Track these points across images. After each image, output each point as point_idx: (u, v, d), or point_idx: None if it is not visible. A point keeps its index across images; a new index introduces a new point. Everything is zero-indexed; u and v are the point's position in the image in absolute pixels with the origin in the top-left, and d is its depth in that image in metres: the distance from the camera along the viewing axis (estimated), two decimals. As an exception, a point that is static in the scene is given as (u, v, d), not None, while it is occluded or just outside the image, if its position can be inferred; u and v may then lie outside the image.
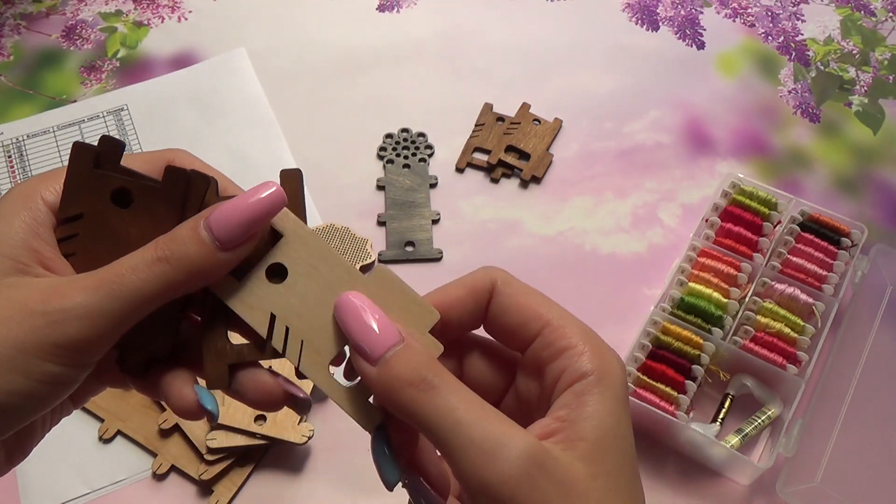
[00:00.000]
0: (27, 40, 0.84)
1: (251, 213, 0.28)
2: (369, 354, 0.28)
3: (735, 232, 0.63)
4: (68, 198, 0.30)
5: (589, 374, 0.28)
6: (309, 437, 0.56)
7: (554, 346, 0.29)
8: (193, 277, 0.27)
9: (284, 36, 0.84)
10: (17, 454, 0.30)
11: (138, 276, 0.27)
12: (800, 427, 0.56)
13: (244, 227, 0.28)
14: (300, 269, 0.30)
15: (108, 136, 0.30)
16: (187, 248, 0.27)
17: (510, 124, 0.76)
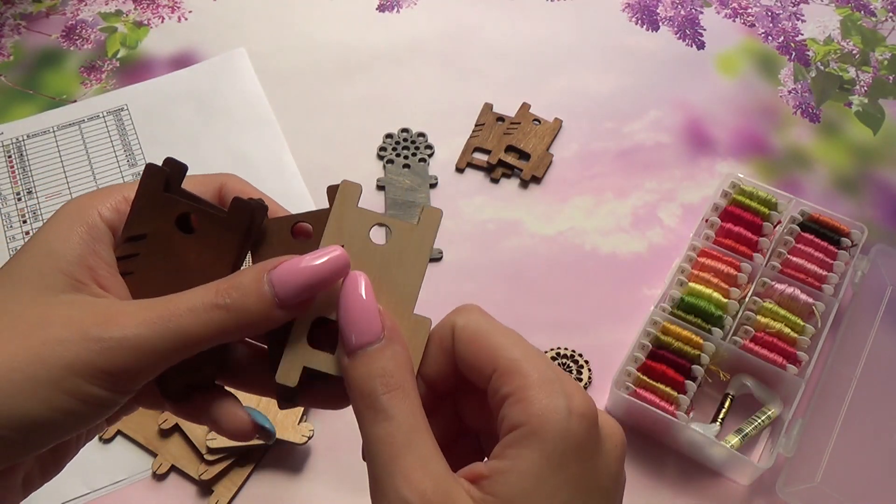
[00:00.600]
0: (27, 40, 0.84)
1: (315, 278, 0.28)
2: (346, 345, 0.28)
3: (735, 232, 0.63)
4: (136, 217, 0.30)
5: (518, 426, 0.26)
6: (309, 437, 0.56)
7: (499, 393, 0.27)
8: (246, 328, 0.28)
9: (284, 36, 0.84)
10: (51, 469, 0.31)
11: (195, 319, 0.27)
12: (800, 427, 0.56)
13: (306, 289, 0.28)
14: None
15: (172, 158, 0.31)
16: (248, 300, 0.28)
17: (510, 124, 0.76)
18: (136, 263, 0.30)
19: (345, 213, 0.31)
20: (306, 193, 0.71)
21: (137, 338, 0.27)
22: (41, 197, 0.71)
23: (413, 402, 0.27)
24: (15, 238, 0.69)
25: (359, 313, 0.28)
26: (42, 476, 0.30)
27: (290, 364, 0.29)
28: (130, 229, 0.30)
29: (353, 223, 0.31)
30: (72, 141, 0.75)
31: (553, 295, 0.66)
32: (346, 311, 0.28)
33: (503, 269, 0.67)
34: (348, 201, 0.31)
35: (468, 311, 0.30)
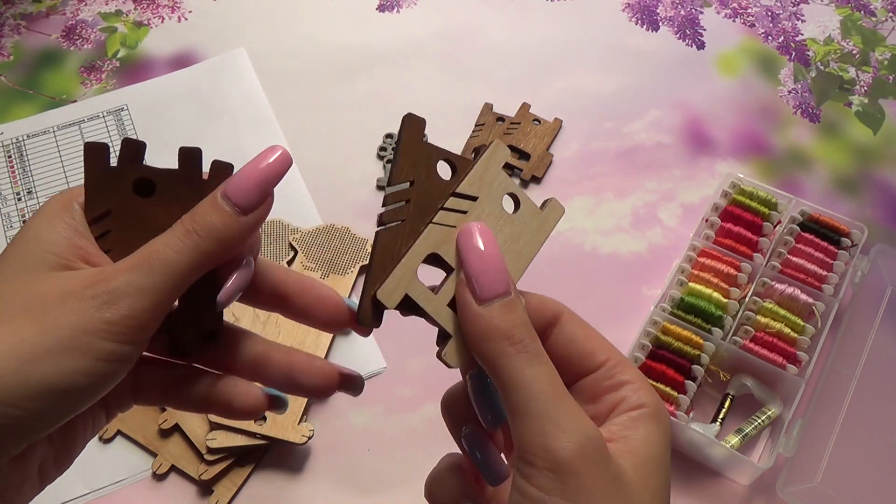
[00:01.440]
0: (27, 40, 0.84)
1: (263, 177, 0.30)
2: (478, 292, 0.29)
3: (735, 232, 0.63)
4: (92, 197, 0.31)
5: (646, 407, 0.30)
6: (309, 437, 0.56)
7: (615, 379, 0.31)
8: (223, 244, 0.29)
9: (284, 36, 0.84)
10: (64, 458, 0.31)
11: (173, 249, 0.28)
12: (800, 427, 0.56)
13: (258, 189, 0.30)
14: None
15: (128, 138, 0.32)
16: (211, 218, 0.29)
17: (510, 124, 0.76)
18: (112, 240, 0.31)
19: (489, 168, 0.33)
20: (306, 193, 0.71)
21: (128, 283, 0.28)
22: (41, 197, 0.71)
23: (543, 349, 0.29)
24: (15, 238, 0.69)
25: (492, 265, 0.30)
26: (56, 466, 0.31)
27: (395, 285, 0.30)
28: (92, 210, 0.31)
29: (493, 180, 0.33)
30: (72, 141, 0.75)
31: (553, 295, 0.65)
32: (483, 260, 0.30)
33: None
34: (495, 159, 0.33)
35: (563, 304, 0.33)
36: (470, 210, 0.32)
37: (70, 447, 0.31)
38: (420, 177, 0.32)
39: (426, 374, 0.62)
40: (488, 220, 0.32)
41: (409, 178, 0.32)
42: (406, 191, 0.31)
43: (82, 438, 0.32)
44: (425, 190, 0.32)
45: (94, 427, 0.33)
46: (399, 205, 0.31)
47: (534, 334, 0.29)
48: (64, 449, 0.31)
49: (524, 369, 0.28)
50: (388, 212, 0.31)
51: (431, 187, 0.32)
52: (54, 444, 0.30)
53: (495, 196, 0.32)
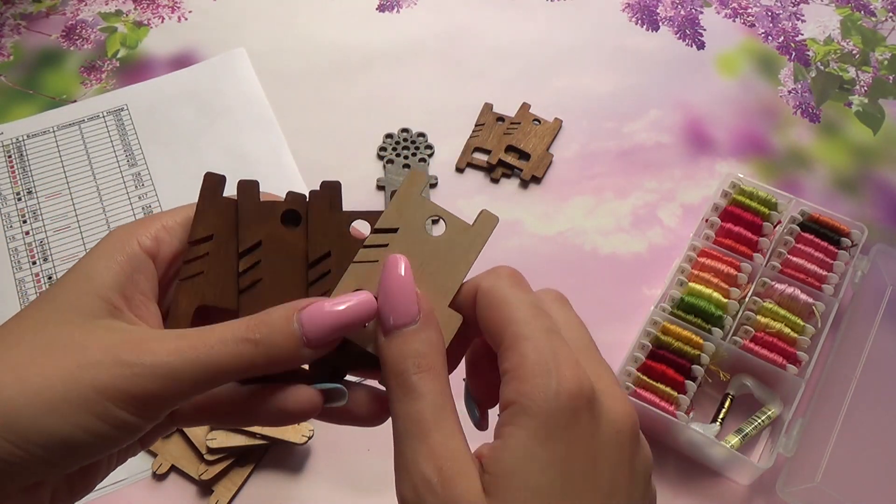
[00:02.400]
0: (27, 40, 0.84)
1: (344, 321, 0.29)
2: (383, 324, 0.29)
3: (735, 232, 0.63)
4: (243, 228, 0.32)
5: (510, 405, 0.27)
6: (309, 437, 0.56)
7: (501, 367, 0.28)
8: (273, 363, 0.29)
9: (284, 36, 0.84)
10: (79, 489, 0.31)
11: (224, 350, 0.28)
12: (800, 427, 0.56)
13: (334, 331, 0.29)
14: None
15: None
16: (276, 337, 0.28)
17: (510, 124, 0.76)
18: (263, 269, 0.32)
19: (408, 198, 0.33)
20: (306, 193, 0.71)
21: (167, 366, 0.27)
22: (41, 197, 0.71)
23: (443, 382, 0.29)
24: (15, 238, 0.69)
25: (398, 295, 0.29)
26: (70, 494, 0.30)
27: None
28: (245, 242, 0.32)
29: (413, 209, 0.33)
30: (72, 141, 0.75)
31: (553, 295, 0.65)
32: (386, 291, 0.30)
33: (510, 267, 0.67)
34: (413, 188, 0.33)
35: (497, 275, 0.31)
36: (391, 242, 0.32)
37: (88, 478, 0.31)
38: (334, 246, 0.33)
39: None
40: (410, 248, 0.32)
41: (324, 250, 0.33)
42: (325, 263, 0.32)
43: (105, 470, 0.32)
44: (342, 258, 0.32)
45: (121, 459, 0.32)
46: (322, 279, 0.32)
47: (425, 362, 0.28)
48: (81, 480, 0.31)
49: (397, 407, 0.28)
50: (312, 288, 0.32)
51: (349, 253, 0.32)
52: (70, 475, 0.30)
53: (416, 223, 0.32)
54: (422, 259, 0.32)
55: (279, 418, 0.31)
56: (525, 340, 0.27)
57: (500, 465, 0.26)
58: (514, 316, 0.29)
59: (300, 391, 0.30)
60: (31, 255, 0.68)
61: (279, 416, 0.30)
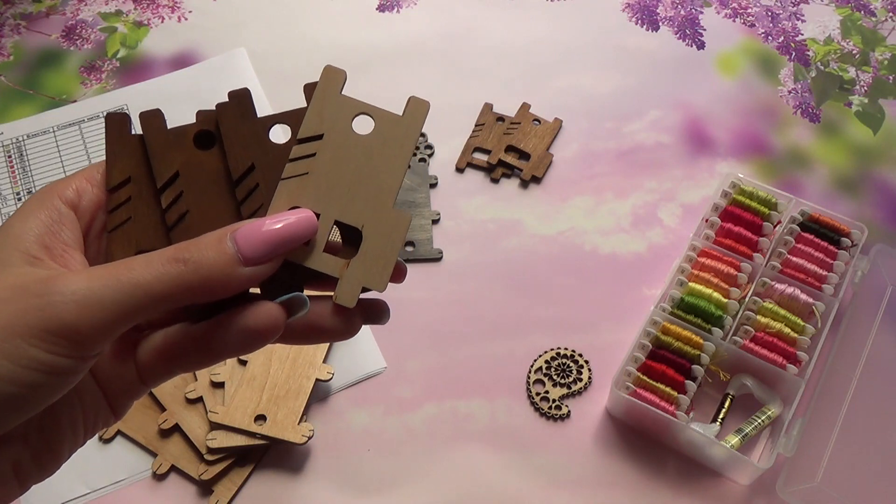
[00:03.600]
0: (27, 40, 0.84)
1: (281, 238, 0.28)
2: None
3: (735, 232, 0.63)
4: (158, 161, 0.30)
5: None
6: (309, 437, 0.56)
7: None
8: (208, 284, 0.27)
9: (284, 36, 0.84)
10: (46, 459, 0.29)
11: (150, 270, 0.26)
12: (800, 427, 0.56)
13: (271, 249, 0.28)
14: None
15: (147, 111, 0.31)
16: (208, 255, 0.27)
17: (510, 124, 0.76)
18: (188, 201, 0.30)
19: (327, 99, 0.30)
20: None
21: (83, 291, 0.25)
22: (41, 197, 0.71)
23: None
24: (15, 238, 0.69)
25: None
26: (38, 467, 0.29)
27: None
28: (162, 176, 0.30)
29: (336, 110, 0.30)
30: (72, 141, 0.75)
31: (553, 295, 0.66)
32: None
33: (503, 268, 0.67)
34: (331, 87, 0.30)
35: None
36: (318, 150, 0.30)
37: (53, 447, 0.29)
38: (257, 157, 0.30)
39: (426, 375, 0.62)
40: (340, 152, 0.30)
41: (246, 164, 0.30)
42: (250, 178, 0.30)
43: (70, 439, 0.29)
44: (268, 167, 0.30)
45: (88, 428, 0.30)
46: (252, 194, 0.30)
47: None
48: (45, 448, 0.29)
49: None
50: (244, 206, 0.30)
51: (274, 160, 0.30)
52: (30, 443, 0.28)
53: (342, 124, 0.30)
54: (356, 162, 0.30)
55: (244, 342, 0.28)
56: None
57: None
58: None
59: (259, 307, 0.28)
60: (31, 255, 0.68)
61: (243, 339, 0.28)
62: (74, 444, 0.30)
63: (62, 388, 0.26)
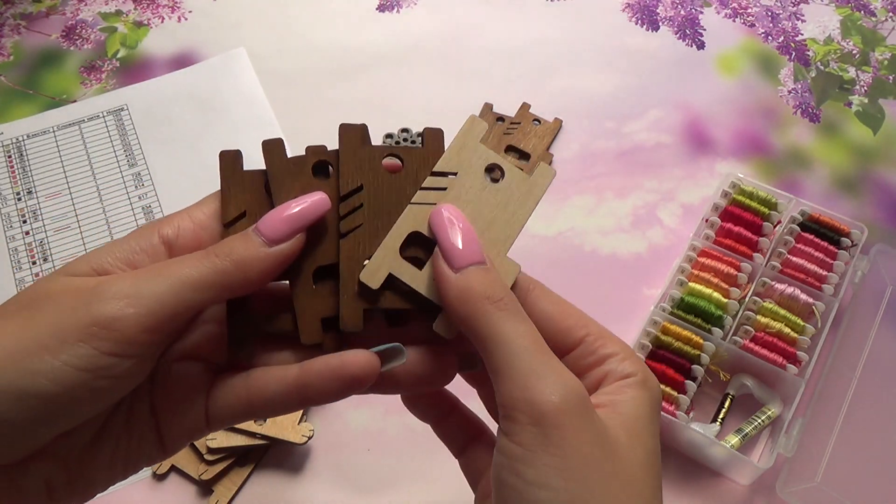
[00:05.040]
0: (27, 40, 0.84)
1: (296, 214, 0.29)
2: (454, 261, 0.29)
3: (735, 232, 0.63)
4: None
5: (632, 375, 0.30)
6: (309, 437, 0.56)
7: (598, 354, 0.30)
8: (241, 267, 0.28)
9: (284, 36, 0.84)
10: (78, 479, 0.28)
11: (187, 264, 0.27)
12: (800, 427, 0.56)
13: (287, 224, 0.29)
14: None
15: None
16: (236, 244, 0.29)
17: (510, 124, 0.76)
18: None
19: (466, 143, 0.33)
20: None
21: (130, 287, 0.26)
22: (41, 197, 0.71)
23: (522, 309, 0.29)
24: (15, 238, 0.69)
25: (464, 236, 0.30)
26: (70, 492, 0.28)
27: (377, 265, 0.30)
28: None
29: (471, 154, 0.32)
30: (72, 141, 0.75)
31: (553, 295, 0.66)
32: (451, 232, 0.30)
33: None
34: (472, 134, 0.33)
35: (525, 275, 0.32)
36: (450, 186, 0.32)
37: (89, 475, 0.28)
38: (367, 179, 0.32)
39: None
40: (469, 193, 0.32)
41: (355, 184, 0.32)
42: (358, 196, 0.32)
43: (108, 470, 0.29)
44: (376, 190, 0.32)
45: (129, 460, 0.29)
46: (354, 212, 0.31)
47: (513, 295, 0.29)
48: (81, 474, 0.28)
49: (505, 325, 0.28)
50: (345, 221, 0.31)
51: (382, 186, 0.32)
52: (68, 466, 0.28)
53: (475, 169, 0.32)
54: (479, 206, 0.32)
55: (337, 389, 0.29)
56: (608, 331, 0.31)
57: (638, 410, 0.29)
58: (580, 311, 0.32)
59: (356, 354, 0.29)
60: (31, 255, 0.68)
61: (336, 386, 0.29)
62: (112, 478, 0.29)
63: (105, 395, 0.26)
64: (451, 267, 0.29)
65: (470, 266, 0.29)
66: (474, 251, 0.29)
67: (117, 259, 0.29)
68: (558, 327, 0.31)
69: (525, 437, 0.26)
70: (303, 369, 0.29)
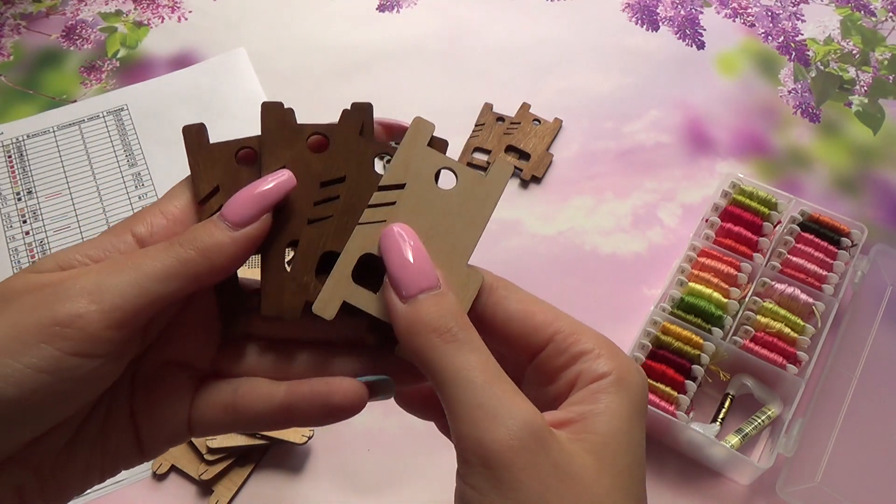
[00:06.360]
0: (27, 40, 0.84)
1: (259, 195, 0.28)
2: (402, 290, 0.27)
3: (735, 232, 0.63)
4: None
5: (607, 375, 0.27)
6: (309, 437, 0.56)
7: (569, 352, 0.28)
8: (207, 255, 0.27)
9: (284, 36, 0.84)
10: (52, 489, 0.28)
11: (151, 256, 0.27)
12: (800, 427, 0.56)
13: (251, 205, 0.28)
14: None
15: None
16: (198, 231, 0.28)
17: (510, 124, 0.76)
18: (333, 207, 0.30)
19: (414, 150, 0.30)
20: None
21: (94, 283, 0.25)
22: (41, 197, 0.71)
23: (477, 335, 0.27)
24: (15, 238, 0.69)
25: (413, 262, 0.28)
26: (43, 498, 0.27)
27: (329, 295, 0.29)
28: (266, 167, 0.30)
29: (420, 162, 0.30)
30: (72, 141, 0.75)
31: (553, 295, 0.65)
32: (399, 259, 0.28)
33: (503, 269, 0.66)
34: (419, 139, 0.31)
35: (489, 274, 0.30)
36: (398, 199, 0.30)
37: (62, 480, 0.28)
38: (352, 172, 0.30)
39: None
40: (421, 203, 0.30)
41: (340, 173, 0.30)
42: (336, 187, 0.30)
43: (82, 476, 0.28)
44: (356, 186, 0.30)
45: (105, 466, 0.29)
46: (328, 202, 0.30)
47: (465, 322, 0.27)
48: (53, 480, 0.27)
49: (453, 359, 0.26)
50: (317, 208, 0.30)
51: (364, 183, 0.30)
52: (40, 473, 0.27)
53: (425, 177, 0.30)
54: (434, 216, 0.30)
55: (322, 415, 0.29)
56: (583, 327, 0.29)
57: (606, 427, 0.26)
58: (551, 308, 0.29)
59: (343, 382, 0.29)
60: (31, 254, 0.68)
61: (322, 412, 0.29)
62: (88, 482, 0.29)
63: (73, 398, 0.25)
64: (400, 297, 0.27)
65: (420, 294, 0.27)
66: (424, 276, 0.27)
67: (86, 256, 0.28)
68: (525, 327, 0.29)
69: (476, 479, 0.25)
70: (290, 390, 0.29)
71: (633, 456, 0.26)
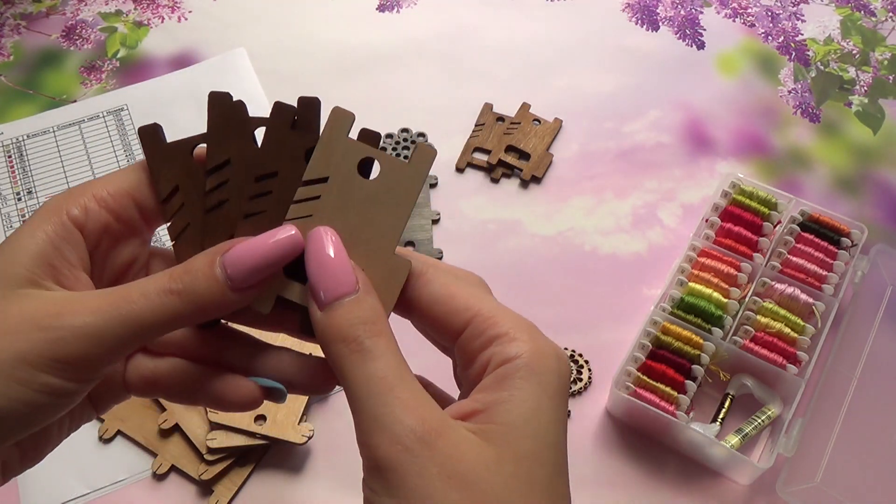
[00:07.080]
0: (27, 40, 0.84)
1: (267, 258, 0.28)
2: (319, 299, 0.28)
3: (735, 232, 0.63)
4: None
5: (515, 359, 0.27)
6: (309, 437, 0.56)
7: (484, 336, 0.28)
8: (201, 312, 0.28)
9: (284, 36, 0.84)
10: (31, 455, 0.31)
11: (147, 304, 0.27)
12: (800, 427, 0.56)
13: (258, 270, 0.28)
14: None
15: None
16: (199, 283, 0.28)
17: (510, 124, 0.76)
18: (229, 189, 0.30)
19: (334, 142, 0.30)
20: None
21: (88, 326, 0.27)
22: (41, 197, 0.71)
23: (395, 343, 0.28)
24: (15, 238, 0.69)
25: (330, 270, 0.28)
26: (21, 463, 0.30)
27: (265, 291, 0.30)
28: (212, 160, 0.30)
29: (342, 154, 0.30)
30: (72, 141, 0.75)
31: (553, 295, 0.66)
32: (317, 267, 0.28)
33: (503, 269, 0.67)
34: (338, 130, 0.30)
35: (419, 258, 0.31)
36: (323, 194, 0.30)
37: (40, 446, 0.31)
38: (283, 167, 0.30)
39: (426, 374, 0.62)
40: (344, 196, 0.30)
41: (272, 168, 0.30)
42: (269, 182, 0.30)
43: (56, 437, 0.31)
44: (288, 181, 0.30)
45: (74, 425, 0.32)
46: (263, 197, 0.30)
47: (375, 329, 0.28)
48: (32, 447, 0.30)
49: (354, 370, 0.27)
50: (252, 203, 0.30)
51: (296, 178, 0.30)
52: (21, 444, 0.30)
53: (347, 169, 0.30)
54: (358, 207, 0.30)
55: (219, 405, 0.31)
56: (502, 310, 0.29)
57: (511, 416, 0.26)
58: (476, 292, 0.30)
59: (241, 385, 0.31)
60: (31, 255, 0.68)
61: (219, 403, 0.31)
62: (58, 441, 0.32)
63: (67, 406, 0.28)
64: (318, 306, 0.28)
65: (336, 301, 0.28)
66: (340, 284, 0.28)
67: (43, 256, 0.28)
68: (447, 310, 0.29)
69: (371, 482, 0.26)
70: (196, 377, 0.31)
71: (540, 441, 0.26)
